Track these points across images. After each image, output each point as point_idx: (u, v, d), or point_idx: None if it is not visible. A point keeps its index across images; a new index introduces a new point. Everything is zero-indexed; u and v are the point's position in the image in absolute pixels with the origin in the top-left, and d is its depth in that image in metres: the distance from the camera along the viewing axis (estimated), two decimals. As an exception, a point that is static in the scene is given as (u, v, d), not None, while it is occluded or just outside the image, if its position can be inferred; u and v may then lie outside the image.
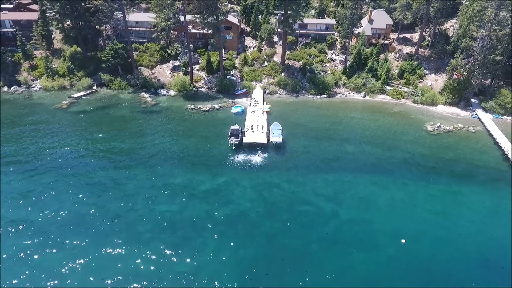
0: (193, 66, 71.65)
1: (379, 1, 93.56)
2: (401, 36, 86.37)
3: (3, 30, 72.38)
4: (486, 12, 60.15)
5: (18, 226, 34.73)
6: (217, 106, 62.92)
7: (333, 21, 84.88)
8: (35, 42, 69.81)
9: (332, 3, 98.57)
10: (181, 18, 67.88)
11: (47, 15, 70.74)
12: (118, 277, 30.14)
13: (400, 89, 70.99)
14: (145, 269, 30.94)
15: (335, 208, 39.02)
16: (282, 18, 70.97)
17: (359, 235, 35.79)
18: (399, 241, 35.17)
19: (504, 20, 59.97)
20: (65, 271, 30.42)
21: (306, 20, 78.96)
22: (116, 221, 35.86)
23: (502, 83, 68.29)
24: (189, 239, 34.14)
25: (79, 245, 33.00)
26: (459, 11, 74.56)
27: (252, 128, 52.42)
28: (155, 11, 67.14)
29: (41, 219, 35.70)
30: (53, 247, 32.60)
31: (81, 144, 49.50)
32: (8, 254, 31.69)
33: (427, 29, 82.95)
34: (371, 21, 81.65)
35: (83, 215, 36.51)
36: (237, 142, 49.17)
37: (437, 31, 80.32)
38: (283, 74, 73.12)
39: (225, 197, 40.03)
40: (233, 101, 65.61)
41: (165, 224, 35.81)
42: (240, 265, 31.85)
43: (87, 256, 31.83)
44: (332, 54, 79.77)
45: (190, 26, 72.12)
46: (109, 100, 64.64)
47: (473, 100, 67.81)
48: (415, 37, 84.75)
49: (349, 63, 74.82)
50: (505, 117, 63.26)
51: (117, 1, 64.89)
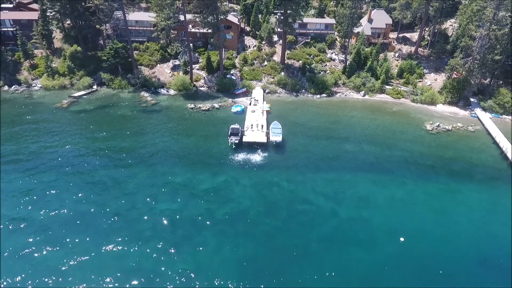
0: (193, 66, 71.80)
1: (378, 1, 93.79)
2: (400, 35, 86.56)
3: (3, 29, 72.55)
4: (485, 12, 60.30)
5: (19, 224, 34.96)
6: (217, 105, 63.09)
7: (332, 21, 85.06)
8: (35, 42, 70.00)
9: (331, 3, 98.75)
10: (181, 18, 67.98)
11: (47, 14, 70.97)
12: (119, 274, 30.35)
13: (399, 88, 71.17)
14: (145, 267, 31.15)
15: (335, 207, 39.24)
16: (282, 17, 71.15)
17: (358, 233, 36.00)
18: (398, 239, 35.40)
19: (503, 19, 60.17)
20: (65, 269, 30.63)
21: (305, 20, 79.08)
22: (116, 220, 36.10)
23: (501, 82, 68.50)
24: (189, 237, 34.35)
25: (80, 243, 33.22)
26: (458, 11, 74.79)
27: (252, 127, 52.58)
28: (155, 11, 67.29)
29: (42, 217, 35.94)
30: (54, 245, 32.81)
31: (82, 143, 49.69)
32: (9, 252, 31.92)
33: (426, 29, 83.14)
34: (370, 20, 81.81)
35: (83, 213, 36.75)
36: (237, 141, 49.36)
37: (436, 30, 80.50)
38: (282, 73, 73.26)
39: (225, 195, 40.24)
40: (233, 100, 65.78)
41: (165, 223, 36.05)
42: (240, 263, 32.05)
43: (88, 254, 32.05)
44: (332, 53, 79.90)
45: (190, 26, 72.32)
46: (109, 99, 64.81)
47: (472, 100, 68.02)
48: (414, 36, 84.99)
49: (348, 62, 74.98)
50: (504, 116, 63.46)
51: (117, 0, 65.04)
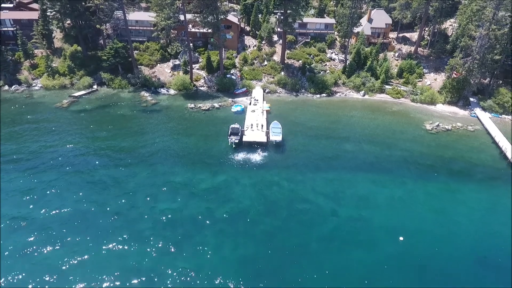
0: (193, 65, 71.86)
1: (378, 1, 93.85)
2: (400, 35, 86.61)
3: (3, 29, 72.59)
4: (485, 12, 60.38)
5: (19, 223, 35.05)
6: (217, 105, 63.15)
7: (332, 21, 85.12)
8: (35, 41, 70.02)
9: (331, 2, 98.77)
10: (181, 17, 68.03)
11: (48, 14, 71.01)
12: (119, 274, 30.44)
13: (399, 88, 71.24)
14: (145, 266, 31.24)
15: (334, 206, 39.33)
16: (282, 17, 71.21)
17: (358, 233, 36.08)
18: (397, 238, 35.49)
19: (503, 19, 60.27)
20: (66, 268, 30.72)
21: (305, 20, 79.13)
22: (116, 219, 36.19)
23: (500, 82, 68.59)
24: (189, 236, 34.44)
25: (80, 242, 33.30)
26: (458, 11, 74.84)
27: (252, 127, 52.66)
28: (155, 10, 67.31)
29: (42, 216, 36.03)
30: (54, 244, 32.90)
31: (82, 143, 49.77)
32: (9, 251, 32.00)
33: (426, 29, 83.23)
34: (370, 20, 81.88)
35: (84, 212, 36.84)
36: (237, 141, 49.45)
37: (436, 30, 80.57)
38: (282, 73, 73.34)
39: (225, 195, 40.33)
40: (233, 100, 65.85)
41: (166, 222, 36.11)
42: (240, 262, 32.16)
43: (88, 253, 32.14)
44: (332, 53, 79.98)
45: (190, 25, 72.37)
46: (110, 99, 64.87)
47: (471, 99, 68.10)
48: (414, 36, 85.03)
49: (348, 62, 75.04)
50: (504, 116, 63.53)
51: (117, 0, 65.10)
